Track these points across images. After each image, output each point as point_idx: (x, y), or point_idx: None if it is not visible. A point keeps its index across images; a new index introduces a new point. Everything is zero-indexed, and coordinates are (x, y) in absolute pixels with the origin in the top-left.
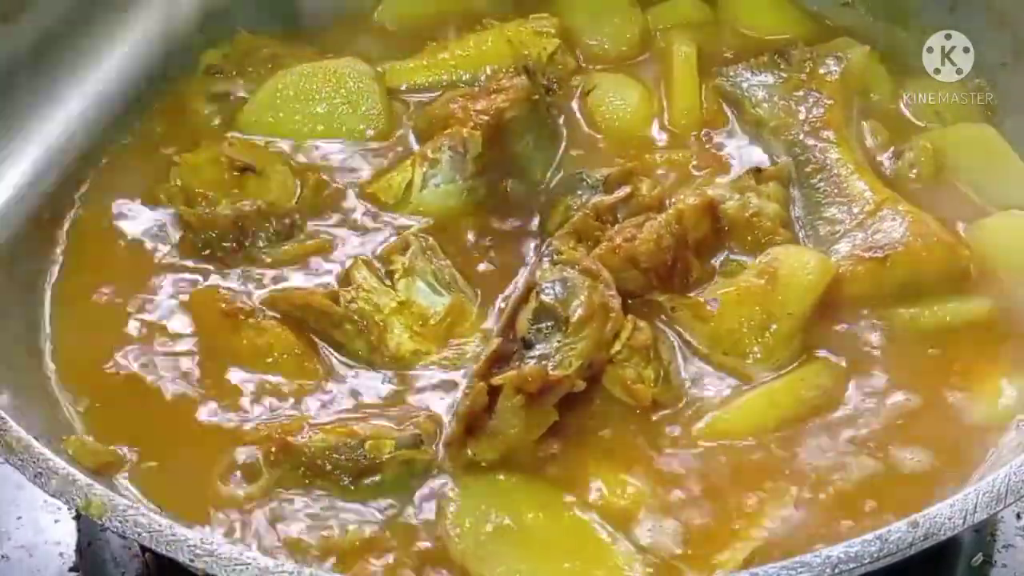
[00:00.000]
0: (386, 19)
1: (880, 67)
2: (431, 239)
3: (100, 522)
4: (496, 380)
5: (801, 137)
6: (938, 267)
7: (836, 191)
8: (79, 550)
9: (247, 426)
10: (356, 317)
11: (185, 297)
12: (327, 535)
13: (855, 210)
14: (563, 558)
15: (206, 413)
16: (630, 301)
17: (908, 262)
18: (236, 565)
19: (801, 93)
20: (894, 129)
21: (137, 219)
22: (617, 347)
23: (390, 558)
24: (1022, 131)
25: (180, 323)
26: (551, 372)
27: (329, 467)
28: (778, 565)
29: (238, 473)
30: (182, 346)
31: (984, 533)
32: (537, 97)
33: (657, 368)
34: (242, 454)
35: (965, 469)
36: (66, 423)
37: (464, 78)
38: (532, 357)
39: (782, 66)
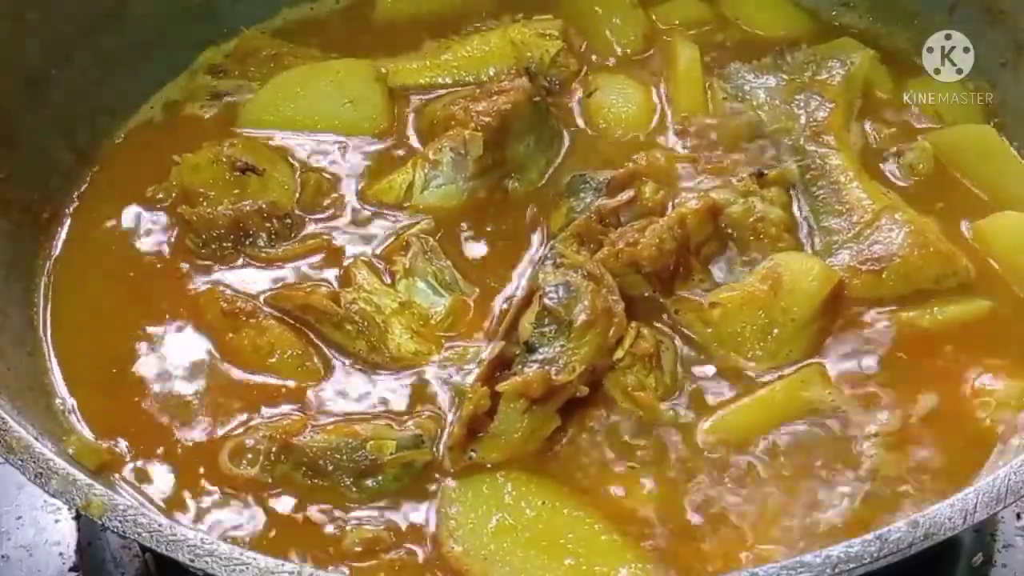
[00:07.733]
0: (389, 19)
1: (881, 67)
2: (432, 240)
3: (100, 522)
4: (501, 387)
5: (802, 141)
6: (935, 276)
7: (835, 199)
8: (79, 550)
9: (248, 426)
10: (357, 317)
11: (186, 297)
12: (328, 535)
13: (854, 219)
14: (564, 555)
15: (207, 414)
16: (632, 304)
17: (905, 273)
18: (236, 565)
19: (803, 96)
20: (894, 129)
21: (137, 219)
22: (620, 354)
23: (392, 558)
24: (1022, 131)
25: (180, 323)
26: (555, 377)
27: (330, 467)
28: (778, 565)
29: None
30: (182, 346)
31: (984, 533)
32: (538, 99)
33: (659, 377)
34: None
35: (966, 470)
36: (66, 423)
37: (466, 79)
38: (535, 361)
39: (784, 68)
